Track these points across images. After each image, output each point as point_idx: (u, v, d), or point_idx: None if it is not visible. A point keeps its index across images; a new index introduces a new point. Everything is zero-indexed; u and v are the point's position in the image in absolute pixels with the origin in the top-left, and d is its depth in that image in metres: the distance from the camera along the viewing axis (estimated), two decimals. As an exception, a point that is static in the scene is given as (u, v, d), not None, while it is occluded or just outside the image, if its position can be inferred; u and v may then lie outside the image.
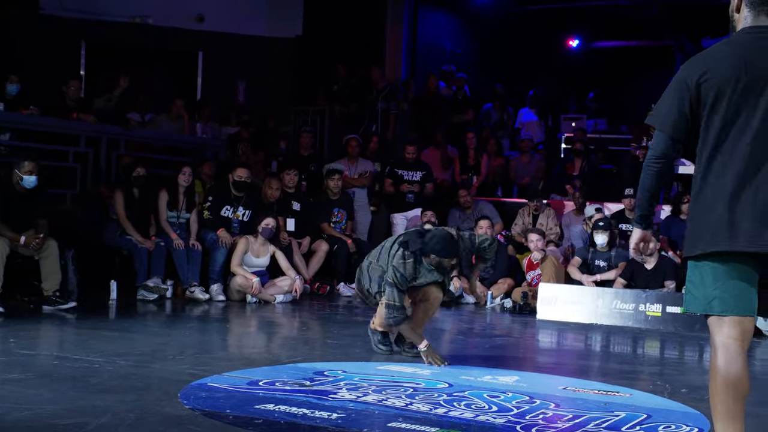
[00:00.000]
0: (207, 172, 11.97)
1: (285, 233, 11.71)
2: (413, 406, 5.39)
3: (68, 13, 15.27)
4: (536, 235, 11.41)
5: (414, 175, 13.21)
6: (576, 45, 19.23)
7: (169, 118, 13.77)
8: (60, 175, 11.49)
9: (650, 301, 9.87)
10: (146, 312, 9.77)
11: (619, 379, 6.72)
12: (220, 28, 16.05)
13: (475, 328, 9.80)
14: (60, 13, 15.25)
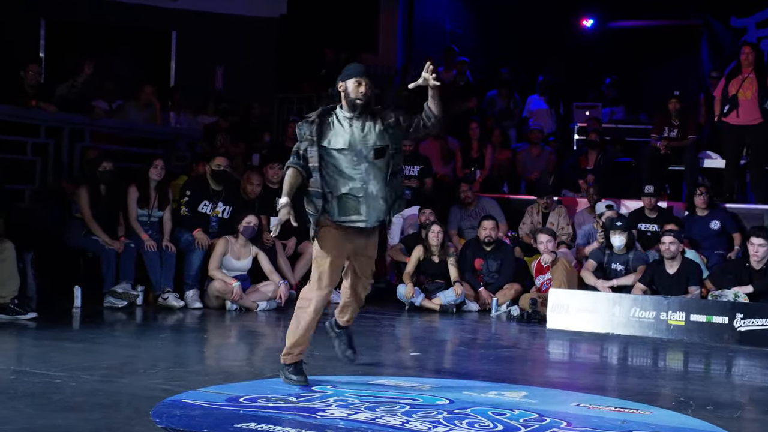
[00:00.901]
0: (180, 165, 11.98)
1: (268, 233, 11.70)
2: (410, 425, 5.39)
3: (27, -10, 15.29)
4: (546, 235, 11.40)
5: (411, 169, 13.21)
6: (590, 25, 19.24)
7: (139, 106, 13.76)
8: (18, 169, 11.49)
9: (672, 308, 9.82)
10: (114, 321, 9.77)
11: (638, 395, 6.71)
12: (195, 6, 16.07)
13: (478, 339, 9.80)
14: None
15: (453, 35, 17.96)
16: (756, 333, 9.38)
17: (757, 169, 12.95)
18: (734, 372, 8.47)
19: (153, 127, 13.57)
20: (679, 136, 13.44)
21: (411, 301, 11.34)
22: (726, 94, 12.76)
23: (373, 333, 9.75)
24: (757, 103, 12.50)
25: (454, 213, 12.93)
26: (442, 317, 10.98)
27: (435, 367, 8.08)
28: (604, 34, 19.26)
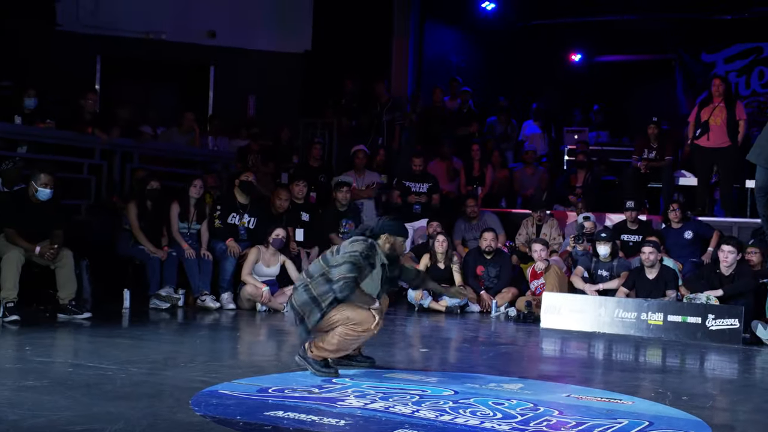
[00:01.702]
0: (211, 183, 11.96)
1: (294, 243, 11.72)
2: (420, 413, 5.38)
3: (84, 28, 15.35)
4: (540, 245, 11.39)
5: (421, 186, 13.22)
6: (578, 59, 19.22)
7: (181, 132, 13.81)
8: (75, 186, 11.51)
9: (652, 309, 9.83)
10: (158, 320, 9.77)
11: (621, 387, 6.69)
12: (231, 43, 16.10)
13: (480, 337, 9.78)
14: (76, 29, 15.32)
15: (457, 67, 17.95)
16: (725, 332, 9.39)
17: (725, 186, 12.99)
18: (706, 366, 8.44)
19: (193, 150, 13.59)
20: (657, 157, 13.47)
21: (420, 303, 11.34)
22: (698, 120, 12.79)
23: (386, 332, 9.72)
24: (726, 128, 12.53)
25: (458, 225, 12.92)
26: (447, 317, 10.97)
27: (441, 362, 8.08)
28: (591, 67, 19.24)
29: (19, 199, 9.60)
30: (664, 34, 17.55)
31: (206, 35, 16.08)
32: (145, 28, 15.73)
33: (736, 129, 12.59)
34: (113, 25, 15.49)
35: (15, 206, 9.51)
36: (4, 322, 8.74)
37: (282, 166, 13.92)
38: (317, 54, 16.37)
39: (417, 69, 17.00)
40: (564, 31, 18.21)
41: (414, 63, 16.96)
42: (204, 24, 16.04)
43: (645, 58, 18.58)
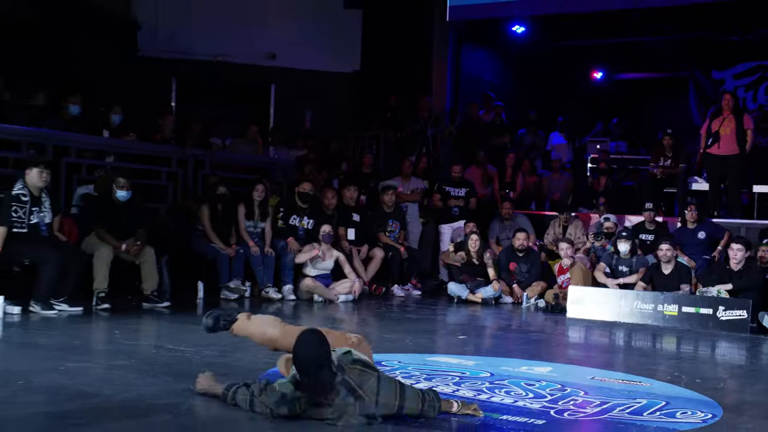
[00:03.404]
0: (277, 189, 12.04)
1: (346, 242, 11.78)
2: (459, 392, 5.42)
3: (161, 53, 15.50)
4: (566, 243, 11.37)
5: (459, 191, 13.23)
6: (600, 77, 19.11)
7: (246, 142, 13.93)
8: (155, 191, 11.65)
9: (668, 301, 9.79)
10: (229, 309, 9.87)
11: (640, 370, 6.68)
12: (289, 64, 16.17)
13: (512, 325, 9.78)
14: (154, 54, 15.50)
15: (491, 85, 17.92)
16: (734, 322, 9.33)
17: (734, 190, 12.86)
18: (717, 353, 8.39)
19: (257, 159, 13.68)
20: (671, 164, 13.38)
21: (458, 295, 11.35)
22: (710, 131, 12.68)
23: (429, 320, 9.79)
24: (735, 138, 12.43)
25: (493, 226, 12.91)
26: (483, 308, 10.96)
27: (478, 347, 8.09)
28: (611, 84, 19.13)
29: (106, 202, 9.79)
30: (677, 54, 17.43)
31: (268, 57, 16.18)
32: (214, 52, 15.85)
33: (744, 138, 12.48)
34: (186, 50, 15.63)
35: (103, 209, 9.72)
36: (97, 309, 8.92)
37: (333, 173, 13.98)
38: (365, 73, 16.41)
39: (455, 86, 16.98)
40: (586, 52, 18.12)
41: (452, 81, 16.94)
42: (265, 48, 16.13)
43: (660, 76, 18.45)
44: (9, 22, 12.77)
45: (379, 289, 11.88)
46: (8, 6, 12.88)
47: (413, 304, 11.14)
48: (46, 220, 8.97)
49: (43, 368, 5.63)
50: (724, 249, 10.86)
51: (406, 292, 12.06)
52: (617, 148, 16.44)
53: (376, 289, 11.83)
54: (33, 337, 7.37)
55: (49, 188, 9.20)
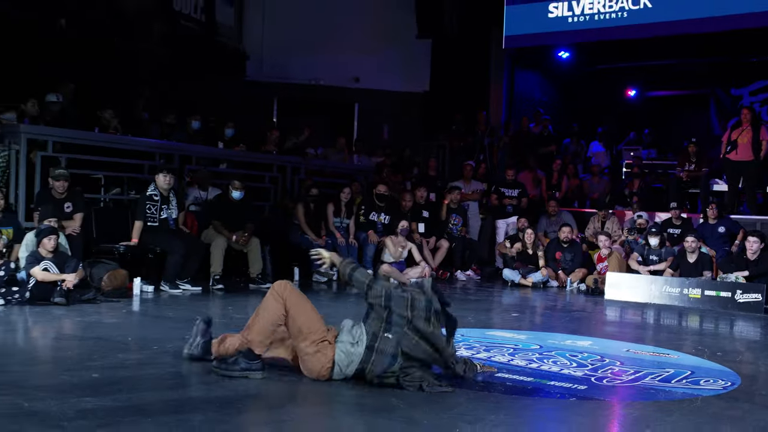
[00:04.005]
0: (356, 189, 12.12)
1: (417, 234, 11.80)
2: (513, 362, 5.40)
3: (265, 78, 15.77)
4: (604, 236, 11.24)
5: (512, 191, 13.16)
6: (634, 94, 18.78)
7: (335, 151, 14.06)
8: (260, 193, 11.83)
9: (692, 286, 9.65)
10: (319, 290, 9.95)
11: (668, 344, 6.58)
12: (370, 86, 16.27)
13: (558, 305, 9.69)
14: (260, 79, 15.76)
15: (540, 101, 17.77)
16: (750, 303, 9.18)
17: (750, 191, 12.61)
18: (735, 330, 8.19)
19: (343, 165, 13.79)
20: (695, 169, 13.19)
21: (512, 279, 11.29)
22: (729, 140, 12.44)
23: (487, 301, 9.75)
24: (750, 146, 12.16)
25: (542, 221, 12.79)
26: (533, 291, 10.90)
27: (529, 323, 8.05)
28: (643, 100, 18.79)
29: (222, 201, 10.01)
30: (701, 74, 17.09)
31: (352, 81, 16.31)
32: (308, 76, 16.03)
33: (759, 147, 12.22)
34: (285, 75, 15.85)
35: (220, 206, 9.93)
36: (213, 289, 9.12)
37: (406, 176, 14.02)
38: (433, 93, 16.43)
39: (509, 103, 16.90)
40: (622, 73, 17.87)
41: (506, 99, 16.86)
42: (351, 72, 16.25)
43: (685, 93, 18.10)
44: (147, 56, 13.12)
45: (444, 274, 11.89)
46: (146, 44, 13.19)
47: (473, 287, 11.11)
48: (173, 216, 9.20)
49: (172, 336, 5.76)
50: (741, 241, 10.62)
51: (468, 277, 12.04)
52: (648, 154, 16.16)
53: (442, 274, 11.84)
54: (163, 311, 7.56)
55: (176, 189, 9.43)
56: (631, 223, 12.13)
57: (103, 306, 7.53)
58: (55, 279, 7.50)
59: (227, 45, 15.43)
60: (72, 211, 8.80)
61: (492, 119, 16.01)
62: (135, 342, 5.74)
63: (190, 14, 14.37)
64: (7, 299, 7.35)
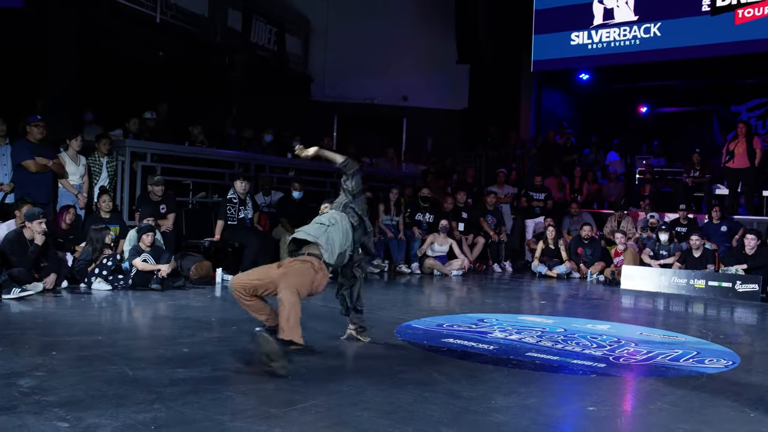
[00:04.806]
0: (407, 193, 12.11)
1: (457, 232, 11.73)
2: (541, 343, 5.35)
3: (327, 98, 15.84)
4: (620, 234, 11.06)
5: (540, 195, 13.01)
6: (645, 110, 18.45)
7: (386, 160, 14.05)
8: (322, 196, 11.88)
9: (697, 277, 9.45)
10: (372, 280, 9.93)
11: (676, 328, 6.45)
12: (416, 104, 16.25)
13: (579, 294, 9.56)
14: (322, 99, 15.84)
15: (563, 117, 17.55)
16: (749, 292, 8.98)
17: (747, 195, 12.36)
18: (735, 316, 7.98)
19: (393, 172, 13.78)
20: (700, 175, 12.95)
21: (539, 271, 11.16)
22: (728, 150, 12.19)
23: (518, 289, 9.66)
24: (746, 155, 11.92)
25: (565, 221, 12.62)
26: (558, 281, 10.76)
27: (554, 309, 7.95)
28: (654, 116, 18.44)
29: (286, 201, 10.08)
30: (704, 93, 16.77)
31: (401, 99, 16.31)
32: (363, 96, 16.06)
33: (754, 155, 11.96)
34: (343, 95, 15.91)
35: (285, 205, 9.99)
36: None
37: (447, 182, 13.96)
38: (471, 110, 16.35)
39: (537, 118, 16.73)
40: (635, 92, 17.58)
41: (534, 115, 16.70)
42: (400, 92, 16.23)
43: (691, 109, 17.74)
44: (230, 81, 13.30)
45: (481, 267, 11.80)
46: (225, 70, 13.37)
47: (506, 278, 11.02)
48: (249, 216, 9.30)
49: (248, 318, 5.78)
50: (740, 238, 10.36)
51: (501, 269, 11.94)
52: (658, 163, 15.87)
53: (478, 267, 11.76)
54: (240, 296, 7.63)
55: (251, 193, 9.53)
56: (644, 222, 11.93)
57: (191, 292, 7.65)
58: (152, 269, 7.65)
59: (295, 70, 15.54)
60: (166, 212, 8.96)
61: (522, 132, 15.89)
62: (217, 322, 5.82)
63: (264, 45, 14.51)
64: (114, 285, 7.52)
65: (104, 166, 9.10)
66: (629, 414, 3.73)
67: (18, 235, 7.02)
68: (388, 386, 3.90)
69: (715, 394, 4.08)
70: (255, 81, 13.66)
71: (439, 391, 3.86)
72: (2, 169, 8.30)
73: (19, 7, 8.49)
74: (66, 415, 3.15)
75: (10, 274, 6.64)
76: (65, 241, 8.04)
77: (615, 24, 12.13)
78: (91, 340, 4.82)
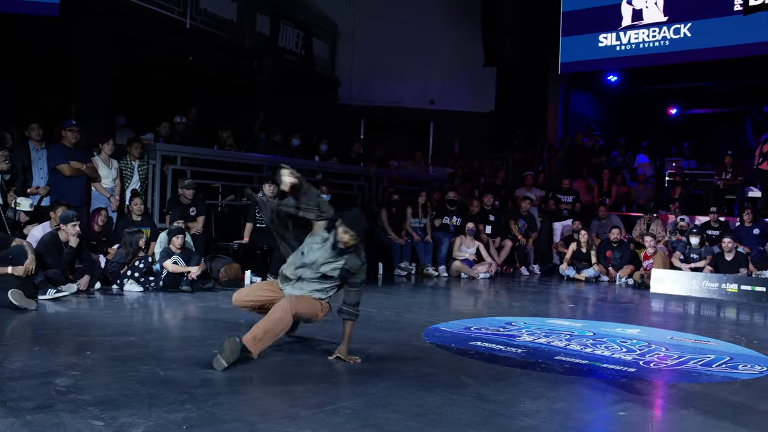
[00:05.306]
0: (436, 197, 12.11)
1: (485, 234, 11.70)
2: (570, 347, 5.31)
3: (354, 102, 15.88)
4: (650, 237, 10.94)
5: (567, 198, 12.93)
6: (675, 112, 18.24)
7: (413, 163, 14.05)
8: (348, 199, 11.92)
9: (729, 281, 9.31)
10: (400, 282, 9.96)
11: (708, 332, 6.36)
12: (443, 107, 16.24)
13: (608, 298, 9.47)
14: (349, 102, 15.89)
15: (591, 119, 17.42)
16: (784, 297, 8.82)
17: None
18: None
19: (420, 175, 13.78)
20: (731, 177, 12.76)
21: (568, 274, 11.08)
22: (761, 152, 11.97)
23: (546, 293, 9.59)
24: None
25: (593, 224, 12.52)
26: (586, 285, 10.68)
27: (583, 313, 7.89)
28: (684, 118, 18.23)
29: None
30: (736, 94, 16.50)
31: (428, 102, 16.29)
32: (390, 99, 16.08)
33: (788, 157, 11.77)
34: (371, 99, 15.94)
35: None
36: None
37: (474, 185, 13.93)
38: (498, 113, 16.29)
39: (564, 121, 16.62)
40: (664, 94, 17.40)
41: (562, 117, 16.59)
42: (427, 95, 16.25)
43: (722, 111, 17.48)
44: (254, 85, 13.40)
45: (508, 270, 11.75)
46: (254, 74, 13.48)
47: (534, 281, 10.95)
48: (277, 219, 9.34)
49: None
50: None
51: (529, 272, 11.88)
52: (689, 165, 15.67)
53: (506, 270, 11.70)
54: (269, 298, 7.67)
55: (279, 196, 9.57)
56: (674, 225, 11.79)
57: (220, 293, 7.71)
58: (182, 271, 7.73)
59: (322, 74, 15.61)
60: (196, 215, 9.05)
61: (549, 135, 15.80)
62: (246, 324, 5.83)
63: (292, 49, 14.60)
64: (145, 287, 7.61)
65: (136, 169, 9.21)
66: (660, 419, 3.69)
67: (53, 238, 7.14)
68: (416, 389, 3.89)
69: (750, 400, 4.01)
70: (283, 85, 13.75)
71: (468, 394, 3.85)
72: (38, 173, 8.46)
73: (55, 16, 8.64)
74: (101, 414, 3.20)
75: (45, 275, 6.75)
76: (98, 244, 8.17)
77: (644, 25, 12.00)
78: (123, 341, 4.88)
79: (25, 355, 4.36)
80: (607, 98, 17.87)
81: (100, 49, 10.53)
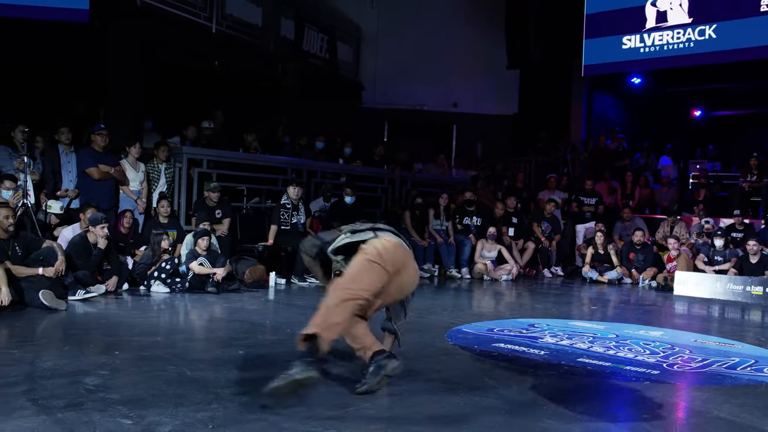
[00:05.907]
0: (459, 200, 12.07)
1: (507, 237, 11.65)
2: (593, 348, 5.27)
3: (377, 105, 15.91)
4: (673, 240, 10.83)
5: (590, 200, 12.83)
6: (699, 114, 18.05)
7: (436, 166, 14.03)
8: (373, 201, 11.94)
9: (754, 284, 9.19)
10: (422, 284, 9.91)
11: (733, 335, 6.27)
12: (466, 110, 16.21)
13: (631, 300, 9.38)
14: (373, 106, 15.92)
15: (615, 121, 17.29)
16: (810, 301, 8.67)
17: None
18: (796, 324, 7.75)
19: (443, 177, 13.75)
20: (757, 180, 12.60)
21: (590, 276, 11.00)
22: (791, 154, 11.83)
23: (568, 295, 9.53)
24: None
25: (617, 226, 12.42)
26: (609, 287, 10.59)
27: (606, 315, 7.83)
28: (708, 119, 18.03)
29: (339, 205, 10.20)
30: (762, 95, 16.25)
31: (451, 105, 16.28)
32: (413, 102, 16.09)
33: (817, 160, 11.57)
34: (394, 102, 15.96)
35: (337, 210, 10.11)
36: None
37: (497, 187, 13.88)
38: (522, 115, 16.24)
39: (588, 123, 16.51)
40: (687, 96, 17.20)
41: (586, 119, 16.48)
42: (450, 98, 16.23)
43: (746, 113, 17.24)
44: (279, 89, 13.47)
45: (531, 272, 11.69)
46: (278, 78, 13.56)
47: (556, 283, 10.89)
48: (302, 221, 9.41)
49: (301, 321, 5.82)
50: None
51: (552, 274, 11.81)
52: (713, 167, 15.50)
53: (528, 272, 11.65)
54: (293, 299, 7.72)
55: (303, 198, 9.63)
56: (699, 227, 11.66)
57: (246, 295, 7.77)
58: (208, 272, 7.79)
59: (346, 77, 15.66)
60: (221, 217, 9.12)
61: (573, 137, 15.70)
62: (271, 325, 5.89)
63: (316, 54, 14.67)
64: (171, 288, 7.69)
65: (162, 172, 9.32)
66: (685, 423, 3.66)
67: (82, 239, 7.25)
68: (439, 390, 3.89)
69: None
70: (307, 88, 13.82)
71: (490, 395, 3.84)
72: (68, 176, 8.59)
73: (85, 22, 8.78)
74: (129, 413, 3.25)
75: (75, 276, 6.85)
76: (126, 245, 8.27)
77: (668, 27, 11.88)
78: (150, 341, 4.94)
79: (56, 354, 4.44)
80: (631, 100, 17.72)
81: (128, 54, 10.67)
